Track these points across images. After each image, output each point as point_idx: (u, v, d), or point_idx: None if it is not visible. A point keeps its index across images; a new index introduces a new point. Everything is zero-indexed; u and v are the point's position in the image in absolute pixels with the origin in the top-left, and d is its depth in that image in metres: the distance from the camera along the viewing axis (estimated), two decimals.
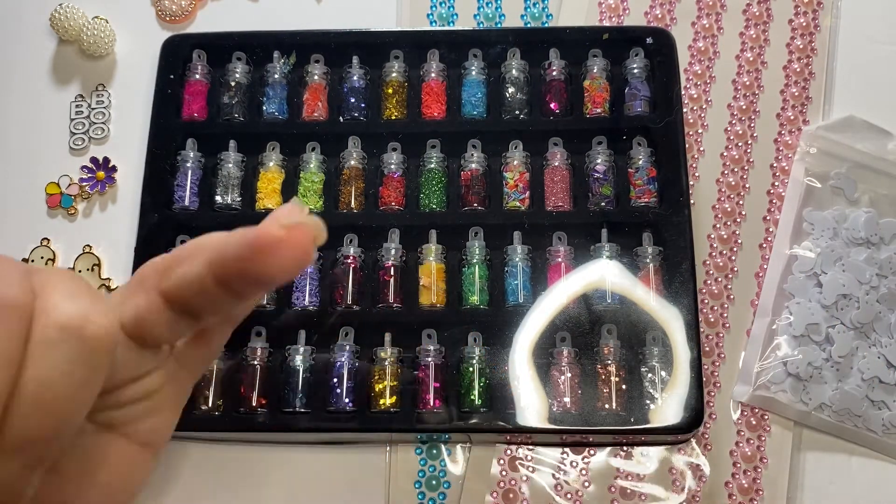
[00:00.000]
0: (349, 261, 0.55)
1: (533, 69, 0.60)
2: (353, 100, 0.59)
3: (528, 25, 0.64)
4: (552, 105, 0.59)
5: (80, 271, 0.58)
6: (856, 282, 0.55)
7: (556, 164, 0.57)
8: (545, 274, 0.55)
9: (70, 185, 0.61)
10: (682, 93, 0.59)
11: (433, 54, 0.60)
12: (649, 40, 0.59)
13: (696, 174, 0.60)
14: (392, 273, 0.55)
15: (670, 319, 0.53)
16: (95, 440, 0.27)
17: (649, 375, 0.52)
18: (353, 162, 0.58)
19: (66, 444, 0.26)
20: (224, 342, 0.32)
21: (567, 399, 0.52)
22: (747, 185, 0.59)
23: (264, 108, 0.60)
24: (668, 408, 0.51)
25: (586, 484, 0.53)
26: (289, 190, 0.58)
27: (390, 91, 0.59)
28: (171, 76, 0.60)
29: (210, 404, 0.53)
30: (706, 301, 0.57)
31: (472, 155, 0.57)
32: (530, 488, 0.53)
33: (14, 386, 0.23)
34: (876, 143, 0.59)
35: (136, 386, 0.27)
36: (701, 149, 0.60)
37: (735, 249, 0.58)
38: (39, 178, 0.61)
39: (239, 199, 0.58)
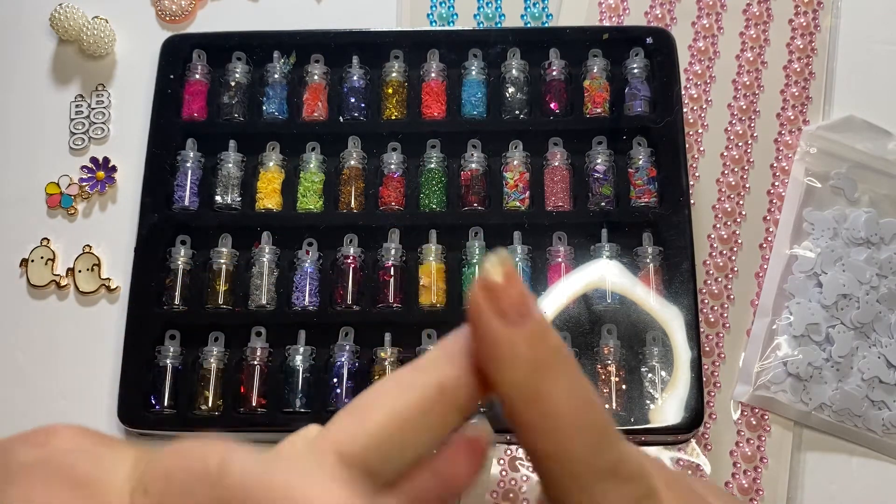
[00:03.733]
0: (349, 261, 0.55)
1: (533, 69, 0.60)
2: (353, 100, 0.59)
3: (528, 25, 0.64)
4: (552, 105, 0.59)
5: (79, 271, 0.58)
6: (856, 282, 0.55)
7: (556, 164, 0.57)
8: (545, 274, 0.55)
9: (70, 185, 0.61)
10: (682, 93, 0.59)
11: (433, 54, 0.60)
12: (649, 40, 0.59)
13: (696, 174, 0.60)
14: (392, 273, 0.55)
15: (670, 319, 0.53)
16: None
17: (649, 375, 0.52)
18: (353, 162, 0.58)
19: None
20: None
21: None
22: (747, 185, 0.59)
23: (264, 108, 0.60)
24: (668, 408, 0.51)
25: None
26: (289, 190, 0.58)
27: (390, 91, 0.59)
28: (171, 76, 0.60)
29: (210, 404, 0.53)
30: (706, 301, 0.57)
31: (472, 155, 0.57)
32: (530, 488, 0.53)
33: None
34: (876, 143, 0.59)
35: None
36: (701, 149, 0.60)
37: (735, 249, 0.58)
38: (39, 178, 0.61)
39: (239, 199, 0.58)
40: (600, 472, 0.26)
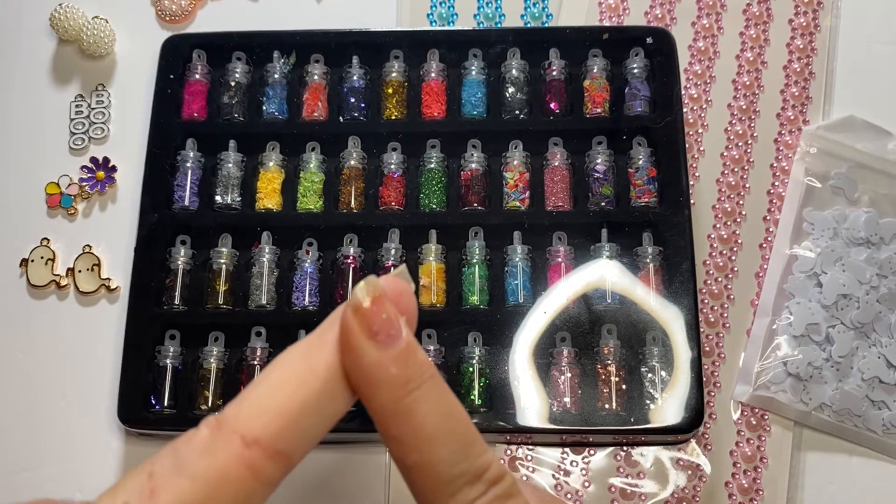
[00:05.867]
0: (349, 261, 0.55)
1: (533, 69, 0.60)
2: (353, 100, 0.59)
3: (528, 25, 0.64)
4: (552, 105, 0.59)
5: (79, 271, 0.58)
6: (856, 282, 0.55)
7: (556, 164, 0.57)
8: (545, 274, 0.55)
9: (70, 184, 0.61)
10: (682, 93, 0.59)
11: (433, 54, 0.60)
12: (649, 40, 0.59)
13: (696, 174, 0.60)
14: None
15: (670, 319, 0.53)
16: None
17: (649, 375, 0.52)
18: (353, 162, 0.58)
19: None
20: None
21: (567, 399, 0.52)
22: (747, 185, 0.59)
23: (264, 108, 0.60)
24: (668, 408, 0.51)
25: (586, 484, 0.53)
26: (289, 190, 0.58)
27: (390, 91, 0.59)
28: (171, 76, 0.60)
29: (210, 404, 0.53)
30: (706, 301, 0.57)
31: (472, 155, 0.57)
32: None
33: None
34: (876, 143, 0.59)
35: None
36: (701, 149, 0.60)
37: (735, 249, 0.58)
38: (39, 178, 0.61)
39: (239, 199, 0.58)
40: (467, 476, 0.28)
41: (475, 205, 0.57)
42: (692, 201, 0.58)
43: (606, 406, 0.52)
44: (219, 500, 0.25)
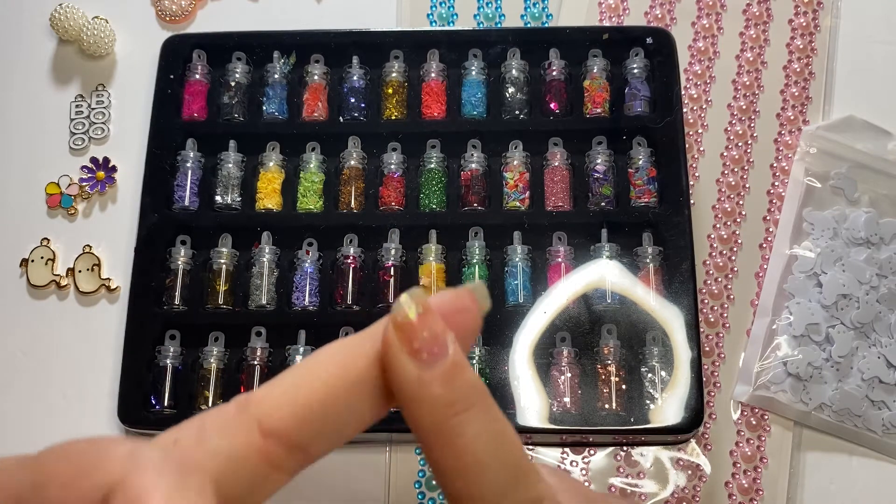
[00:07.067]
0: (349, 261, 0.55)
1: (533, 69, 0.60)
2: (353, 100, 0.59)
3: (528, 25, 0.64)
4: (552, 105, 0.59)
5: (79, 271, 0.58)
6: (856, 282, 0.55)
7: (556, 164, 0.57)
8: (545, 274, 0.55)
9: (70, 185, 0.61)
10: (682, 93, 0.59)
11: (433, 54, 0.60)
12: (649, 40, 0.59)
13: (696, 174, 0.60)
14: (392, 273, 0.55)
15: (670, 319, 0.53)
16: None
17: (649, 375, 0.52)
18: (353, 162, 0.58)
19: None
20: None
21: (567, 399, 0.52)
22: (747, 185, 0.59)
23: (264, 108, 0.60)
24: (668, 408, 0.51)
25: (586, 484, 0.53)
26: (289, 190, 0.58)
27: (390, 91, 0.59)
28: (171, 76, 0.60)
29: (210, 404, 0.53)
30: (706, 301, 0.57)
31: (472, 155, 0.57)
32: None
33: None
34: (876, 143, 0.59)
35: None
36: (701, 149, 0.60)
37: (735, 249, 0.58)
38: (39, 178, 0.61)
39: (239, 199, 0.58)
40: None
41: (475, 205, 0.57)
42: (692, 201, 0.58)
43: (606, 406, 0.52)
44: (233, 478, 0.25)
